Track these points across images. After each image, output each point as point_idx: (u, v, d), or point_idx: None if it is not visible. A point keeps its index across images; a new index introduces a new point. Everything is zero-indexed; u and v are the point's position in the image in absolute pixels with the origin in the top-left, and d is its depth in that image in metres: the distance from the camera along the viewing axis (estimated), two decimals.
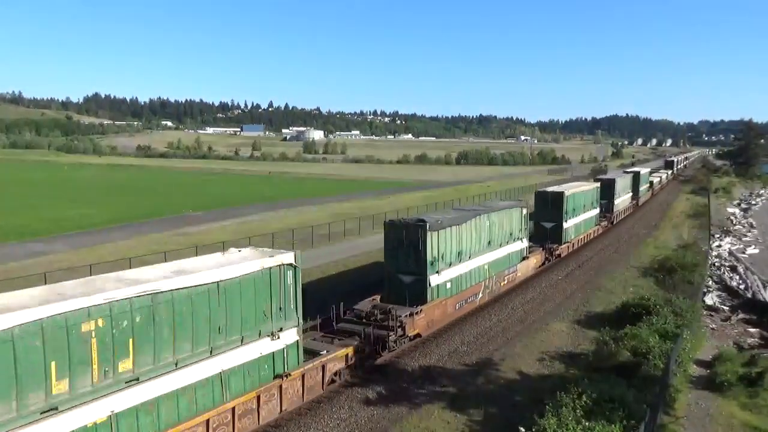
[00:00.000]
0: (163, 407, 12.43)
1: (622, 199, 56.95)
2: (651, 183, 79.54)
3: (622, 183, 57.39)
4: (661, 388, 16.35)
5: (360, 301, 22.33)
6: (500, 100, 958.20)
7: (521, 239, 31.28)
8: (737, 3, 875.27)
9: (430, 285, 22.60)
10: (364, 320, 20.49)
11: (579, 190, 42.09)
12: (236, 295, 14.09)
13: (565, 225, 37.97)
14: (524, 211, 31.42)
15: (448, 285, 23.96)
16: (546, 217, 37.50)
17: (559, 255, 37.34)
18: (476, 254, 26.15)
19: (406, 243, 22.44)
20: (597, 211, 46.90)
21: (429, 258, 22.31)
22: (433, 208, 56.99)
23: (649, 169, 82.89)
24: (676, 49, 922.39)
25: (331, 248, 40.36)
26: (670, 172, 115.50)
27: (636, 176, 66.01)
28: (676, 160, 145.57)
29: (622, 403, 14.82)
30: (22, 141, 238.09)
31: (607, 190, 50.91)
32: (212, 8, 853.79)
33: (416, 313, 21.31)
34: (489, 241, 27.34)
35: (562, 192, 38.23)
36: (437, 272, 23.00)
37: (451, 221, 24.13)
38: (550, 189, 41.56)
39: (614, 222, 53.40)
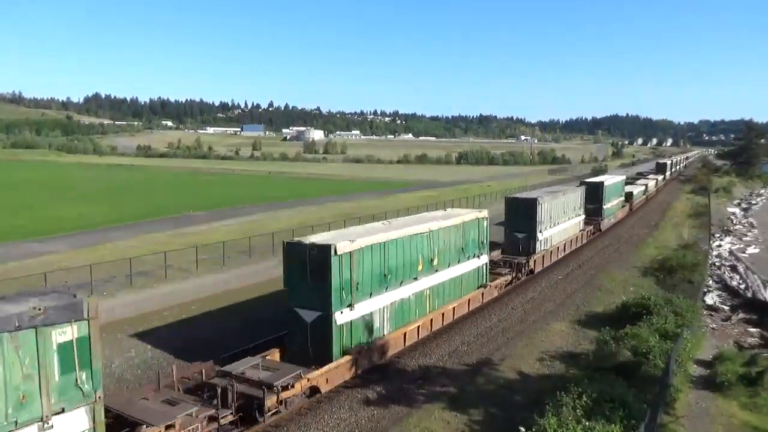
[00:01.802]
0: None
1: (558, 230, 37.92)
2: (630, 194, 62.71)
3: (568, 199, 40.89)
4: (661, 387, 16.35)
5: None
6: (500, 100, 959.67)
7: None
8: (737, 3, 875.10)
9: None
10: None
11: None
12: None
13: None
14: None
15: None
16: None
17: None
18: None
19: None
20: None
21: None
22: (432, 208, 57.01)
23: (623, 177, 62.54)
24: (676, 49, 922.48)
25: None
26: (661, 177, 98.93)
27: (595, 189, 48.26)
28: (670, 162, 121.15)
29: (622, 403, 14.83)
30: (22, 141, 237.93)
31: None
32: (212, 8, 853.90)
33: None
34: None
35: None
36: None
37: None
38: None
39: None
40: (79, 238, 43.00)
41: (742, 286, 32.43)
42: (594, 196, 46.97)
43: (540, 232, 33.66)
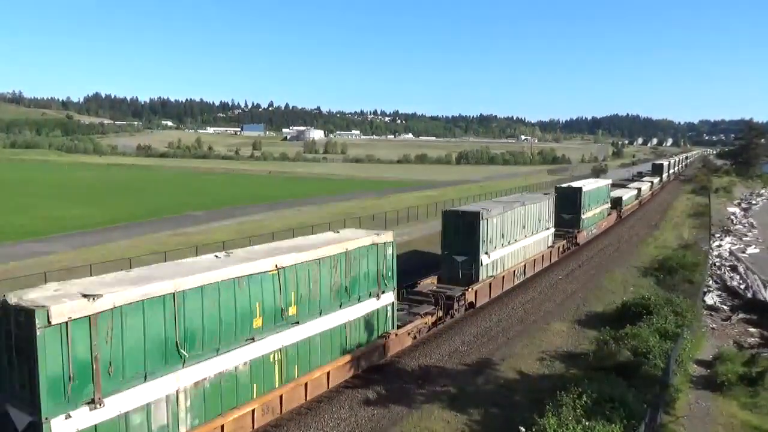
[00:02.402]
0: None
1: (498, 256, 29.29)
2: (619, 200, 55.74)
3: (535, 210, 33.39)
4: (661, 387, 16.35)
5: None
6: (500, 100, 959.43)
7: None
8: (737, 3, 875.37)
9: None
10: None
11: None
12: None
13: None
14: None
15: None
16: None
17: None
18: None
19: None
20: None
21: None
22: (433, 208, 57.07)
23: (608, 181, 54.78)
24: (676, 49, 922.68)
25: None
26: (657, 180, 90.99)
27: (570, 196, 41.53)
28: (667, 163, 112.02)
29: (622, 403, 14.83)
30: (23, 141, 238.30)
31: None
32: (212, 8, 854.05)
33: None
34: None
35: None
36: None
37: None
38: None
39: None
40: (79, 238, 43.01)
41: (742, 286, 32.42)
42: (570, 204, 40.66)
43: (485, 253, 26.51)
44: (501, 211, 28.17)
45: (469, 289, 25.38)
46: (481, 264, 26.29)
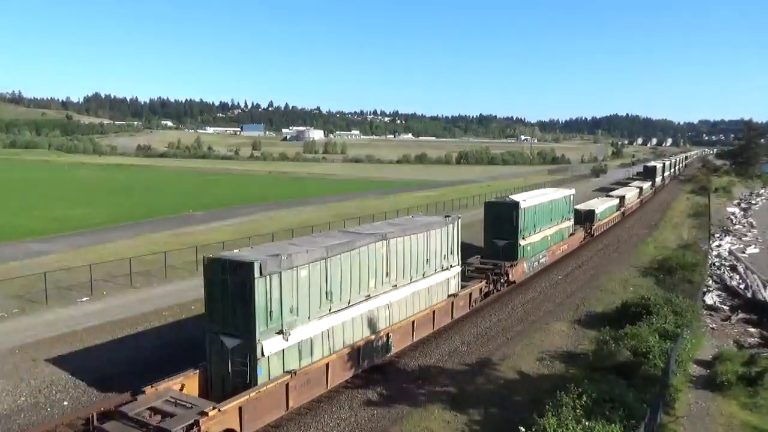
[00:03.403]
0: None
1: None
2: (591, 214, 45.76)
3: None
4: (661, 387, 16.35)
5: None
6: (500, 100, 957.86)
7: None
8: (737, 3, 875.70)
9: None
10: None
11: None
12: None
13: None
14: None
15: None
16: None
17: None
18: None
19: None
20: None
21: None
22: (434, 208, 57.01)
23: (569, 192, 40.63)
24: (676, 49, 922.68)
25: None
26: (649, 185, 79.84)
27: (502, 214, 30.92)
28: (661, 165, 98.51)
29: (622, 403, 14.85)
30: (22, 141, 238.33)
31: None
32: (212, 8, 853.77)
33: None
34: None
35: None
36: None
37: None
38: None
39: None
40: (79, 238, 43.01)
41: (742, 286, 32.44)
42: (504, 225, 30.49)
43: (280, 334, 15.60)
44: (338, 251, 17.41)
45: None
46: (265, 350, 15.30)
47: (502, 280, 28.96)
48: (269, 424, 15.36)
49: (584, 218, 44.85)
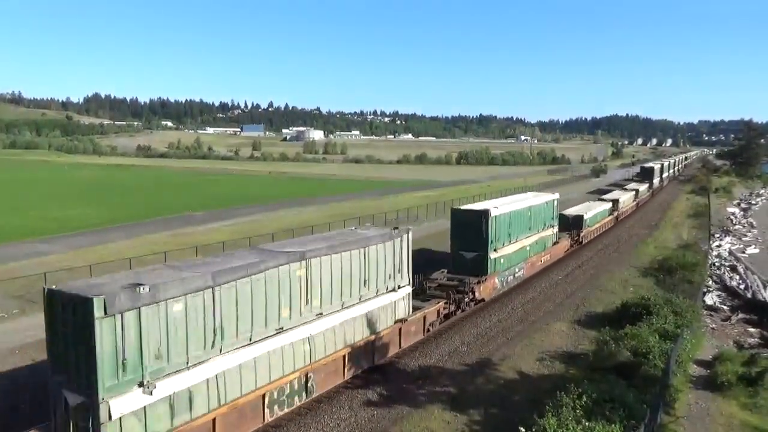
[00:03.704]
0: None
1: None
2: (579, 220, 42.41)
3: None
4: (661, 388, 16.35)
5: None
6: (500, 100, 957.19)
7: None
8: (737, 3, 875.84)
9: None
10: None
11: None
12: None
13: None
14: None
15: None
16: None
17: None
18: None
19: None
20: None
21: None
22: (434, 208, 57.07)
23: (552, 197, 37.02)
24: (676, 49, 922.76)
25: None
26: (646, 187, 76.38)
27: (472, 224, 27.56)
28: (659, 166, 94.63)
29: (622, 403, 14.86)
30: (22, 141, 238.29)
31: None
32: (212, 8, 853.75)
33: None
34: None
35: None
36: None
37: None
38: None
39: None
40: (79, 239, 43.01)
41: (742, 286, 32.44)
42: (472, 236, 27.02)
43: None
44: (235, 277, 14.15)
45: None
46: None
47: (467, 299, 25.43)
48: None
49: (572, 224, 41.59)
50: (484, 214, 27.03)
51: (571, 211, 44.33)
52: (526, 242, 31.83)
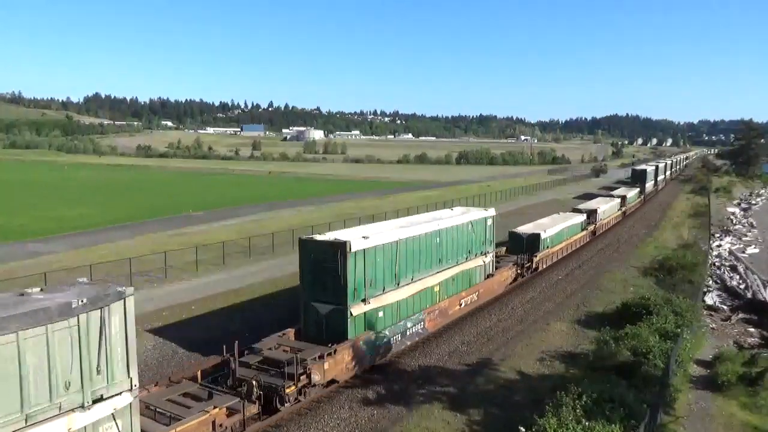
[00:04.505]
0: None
1: None
2: (534, 240, 33.74)
3: None
4: (661, 387, 16.35)
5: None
6: (500, 100, 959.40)
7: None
8: (737, 3, 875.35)
9: None
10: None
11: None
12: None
13: None
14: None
15: None
16: None
17: None
18: None
19: None
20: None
21: None
22: (432, 208, 57.04)
23: (485, 214, 27.54)
24: (676, 49, 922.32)
25: None
26: (636, 192, 68.06)
27: (328, 254, 18.70)
28: (652, 168, 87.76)
29: (622, 403, 14.84)
30: (22, 141, 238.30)
31: None
32: (212, 8, 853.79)
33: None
34: None
35: None
36: None
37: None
38: None
39: None
40: (79, 238, 43.00)
41: (742, 286, 32.41)
42: (326, 279, 18.81)
43: None
44: None
45: None
46: None
47: (288, 400, 15.70)
48: (269, 424, 15.61)
49: (526, 246, 33.01)
50: (341, 247, 18.24)
51: (525, 229, 35.35)
52: (432, 281, 23.03)
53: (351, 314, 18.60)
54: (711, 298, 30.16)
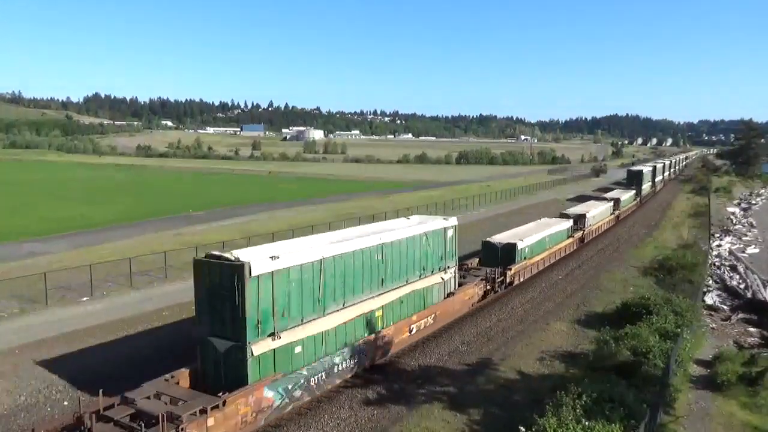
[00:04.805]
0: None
1: None
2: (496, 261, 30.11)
3: None
4: (661, 387, 16.36)
5: None
6: (500, 100, 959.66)
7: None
8: (737, 3, 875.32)
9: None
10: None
11: None
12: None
13: None
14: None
15: None
16: None
17: None
18: None
19: None
20: None
21: None
22: (433, 208, 57.04)
23: (446, 225, 24.17)
24: (676, 49, 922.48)
25: None
26: (631, 194, 65.09)
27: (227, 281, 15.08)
28: (649, 169, 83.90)
29: (622, 403, 14.86)
30: (22, 141, 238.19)
31: None
32: (212, 8, 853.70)
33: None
34: None
35: None
36: None
37: None
38: None
39: None
40: (79, 238, 43.01)
41: (742, 286, 32.42)
42: (224, 308, 15.31)
43: None
44: None
45: None
46: None
47: None
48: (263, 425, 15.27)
49: (501, 257, 30.13)
50: (239, 271, 14.75)
51: (501, 238, 32.02)
52: (372, 305, 19.45)
53: (252, 353, 14.99)
54: (711, 298, 30.16)
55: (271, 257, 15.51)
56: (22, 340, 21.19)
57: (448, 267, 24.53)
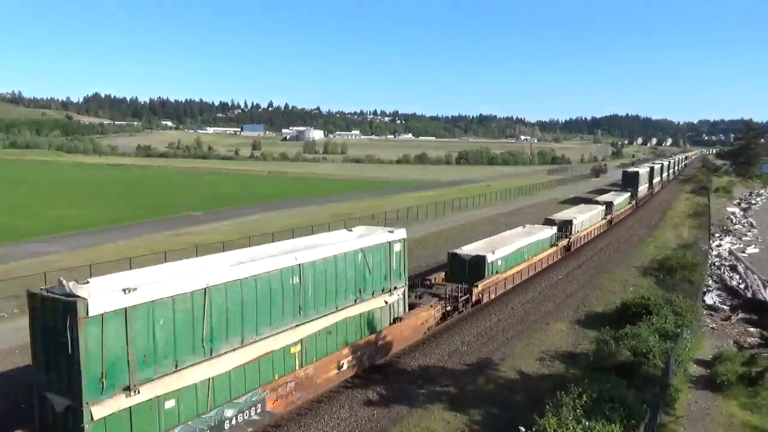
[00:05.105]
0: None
1: None
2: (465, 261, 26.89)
3: None
4: (661, 387, 16.36)
5: None
6: (500, 100, 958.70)
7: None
8: (737, 3, 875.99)
9: None
10: None
11: None
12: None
13: None
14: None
15: None
16: None
17: None
18: None
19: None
20: None
21: None
22: (433, 208, 57.04)
23: (393, 238, 20.50)
24: (676, 49, 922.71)
25: None
26: (626, 197, 62.11)
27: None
28: (646, 171, 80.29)
29: (622, 403, 14.86)
30: (22, 141, 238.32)
31: None
32: (212, 8, 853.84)
33: None
34: None
35: None
36: None
37: None
38: None
39: None
40: (79, 239, 43.03)
41: (742, 286, 32.43)
42: (58, 357, 11.85)
43: None
44: None
45: None
46: None
47: None
48: (266, 423, 15.35)
49: (469, 271, 26.54)
50: (70, 311, 11.57)
51: (470, 249, 28.28)
52: (286, 340, 16.10)
53: (91, 417, 11.48)
54: (711, 298, 30.17)
55: (125, 290, 12.08)
56: (22, 340, 21.17)
57: (395, 288, 20.70)
